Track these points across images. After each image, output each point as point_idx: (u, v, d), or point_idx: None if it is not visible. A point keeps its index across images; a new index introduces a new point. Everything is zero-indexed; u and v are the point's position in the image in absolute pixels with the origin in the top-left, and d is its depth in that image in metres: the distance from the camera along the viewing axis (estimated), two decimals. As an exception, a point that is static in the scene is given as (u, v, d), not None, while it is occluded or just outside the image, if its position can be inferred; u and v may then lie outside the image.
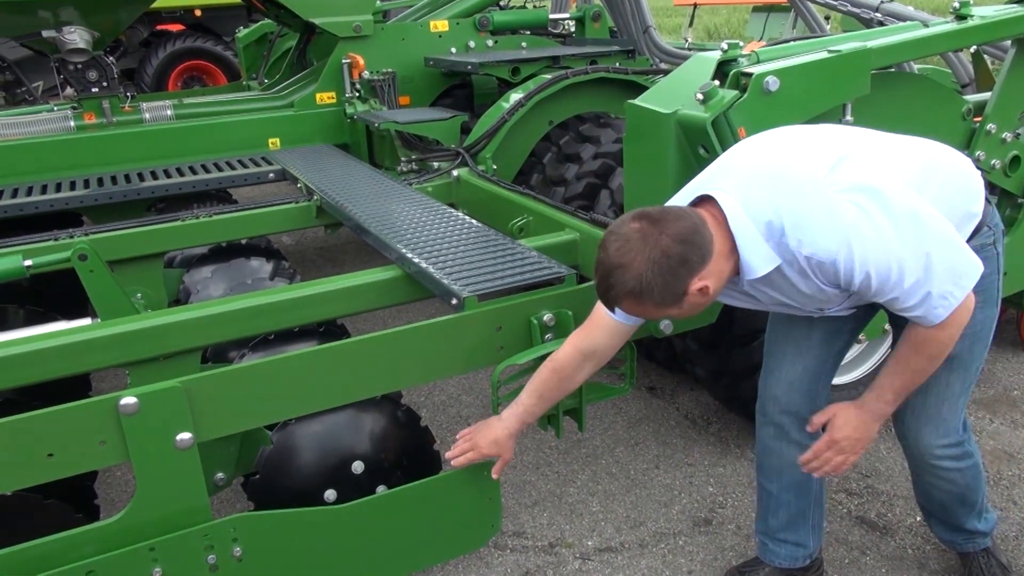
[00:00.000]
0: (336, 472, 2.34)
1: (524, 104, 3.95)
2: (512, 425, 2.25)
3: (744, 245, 1.78)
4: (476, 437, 2.27)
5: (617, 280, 1.74)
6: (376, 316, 4.53)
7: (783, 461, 2.28)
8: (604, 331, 2.13)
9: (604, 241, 1.77)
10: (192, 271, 3.57)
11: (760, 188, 1.78)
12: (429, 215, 3.14)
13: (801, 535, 2.38)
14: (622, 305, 1.79)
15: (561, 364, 2.19)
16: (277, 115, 4.74)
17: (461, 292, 2.34)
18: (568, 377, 2.20)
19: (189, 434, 1.97)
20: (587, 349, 2.16)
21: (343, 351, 2.16)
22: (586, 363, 2.18)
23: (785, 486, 2.31)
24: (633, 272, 1.71)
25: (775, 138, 1.94)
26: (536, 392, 2.23)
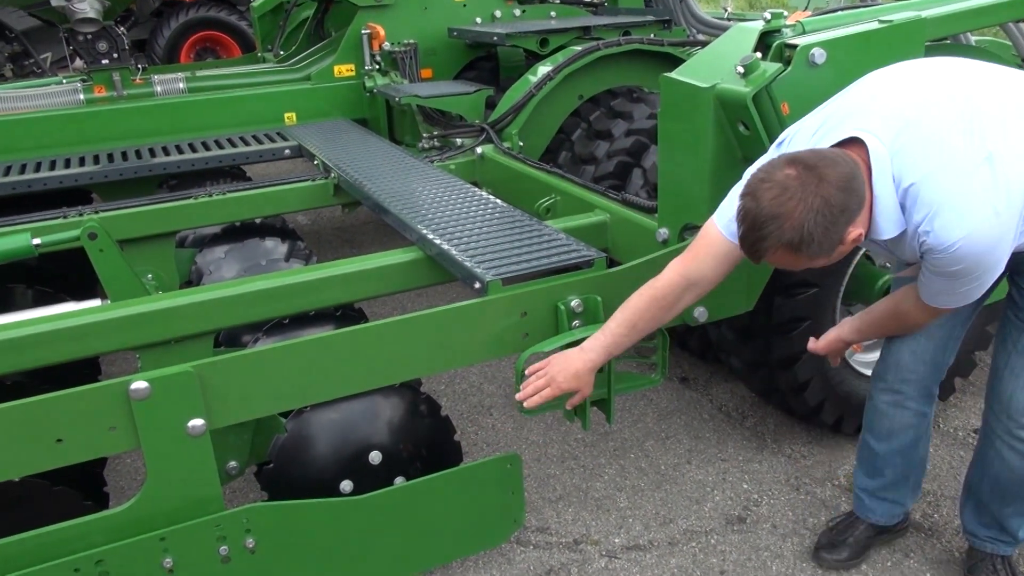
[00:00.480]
0: (353, 462, 2.35)
1: (553, 78, 3.93)
2: (596, 358, 2.17)
3: (880, 206, 1.79)
4: (552, 370, 2.19)
5: (772, 231, 1.72)
6: (395, 300, 4.55)
7: (895, 425, 2.39)
8: (714, 256, 2.08)
9: (753, 189, 1.76)
10: (205, 251, 3.60)
11: (912, 147, 1.78)
12: (451, 194, 3.14)
13: (901, 494, 2.51)
14: (772, 256, 1.79)
15: (663, 291, 2.12)
16: (293, 89, 4.76)
17: (484, 276, 2.33)
18: (668, 306, 2.13)
19: (201, 420, 1.99)
20: (693, 276, 2.11)
21: (361, 336, 2.17)
22: (688, 292, 2.13)
23: (895, 449, 2.43)
24: (793, 222, 1.70)
25: (931, 76, 1.93)
26: (629, 322, 2.14)
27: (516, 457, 2.37)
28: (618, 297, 2.38)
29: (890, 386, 2.37)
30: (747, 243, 1.80)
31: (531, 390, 2.20)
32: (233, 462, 2.39)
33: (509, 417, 3.47)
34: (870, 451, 2.49)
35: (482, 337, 2.30)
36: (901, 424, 2.39)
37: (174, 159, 4.03)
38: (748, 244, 1.80)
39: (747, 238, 1.79)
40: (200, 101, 4.57)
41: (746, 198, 1.78)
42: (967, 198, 1.74)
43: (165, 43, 10.12)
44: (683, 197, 2.57)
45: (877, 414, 2.43)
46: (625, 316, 2.17)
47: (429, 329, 2.23)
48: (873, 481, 2.53)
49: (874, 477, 2.52)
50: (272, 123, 4.63)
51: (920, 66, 2.00)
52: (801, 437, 3.24)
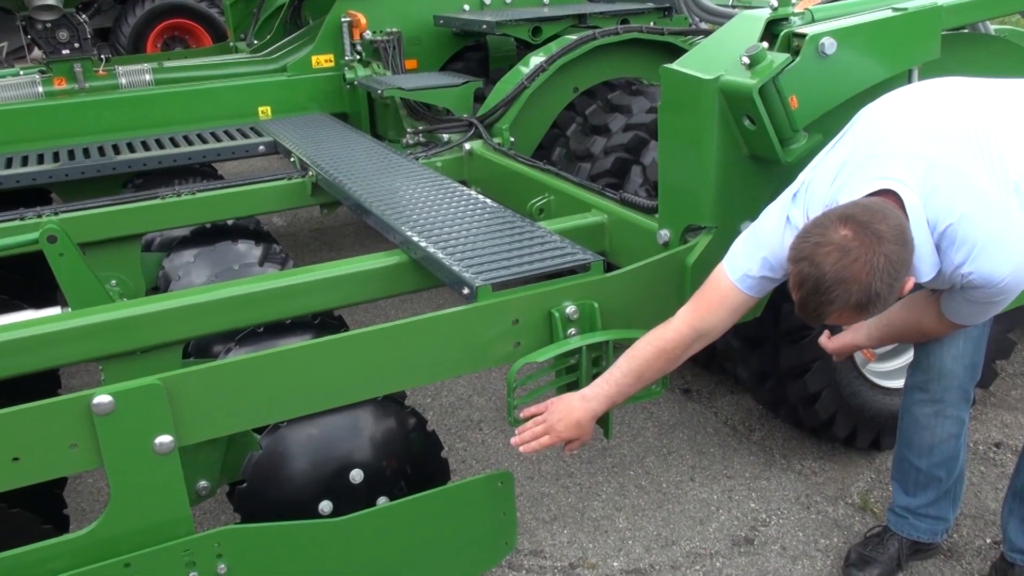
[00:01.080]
0: (332, 481, 2.34)
1: (546, 69, 3.93)
2: (599, 407, 2.23)
3: (919, 252, 1.86)
4: (551, 418, 2.23)
5: (839, 295, 1.79)
6: (378, 307, 4.54)
7: (936, 437, 2.45)
8: (727, 309, 2.17)
9: (809, 254, 1.81)
10: (173, 255, 3.58)
11: (941, 190, 1.86)
12: (438, 193, 3.14)
13: (943, 510, 2.58)
14: (835, 318, 1.85)
15: (672, 343, 2.20)
16: (268, 81, 4.75)
17: (473, 281, 2.33)
18: (676, 358, 2.23)
19: (169, 437, 1.98)
20: (704, 328, 2.19)
21: (341, 346, 2.16)
22: (697, 342, 2.22)
23: (936, 462, 2.48)
24: (861, 285, 1.77)
25: (936, 106, 2.00)
26: (635, 372, 2.22)
27: (508, 475, 2.36)
28: (616, 303, 2.39)
29: (933, 396, 2.42)
30: (809, 308, 1.85)
31: (528, 436, 2.25)
32: (204, 482, 2.37)
33: (500, 432, 3.47)
34: (910, 468, 2.53)
35: (471, 346, 2.30)
36: (943, 435, 2.44)
37: (140, 156, 4.02)
38: (811, 309, 1.85)
39: (809, 303, 1.84)
40: (168, 94, 4.55)
41: (802, 263, 1.83)
42: (1007, 234, 1.84)
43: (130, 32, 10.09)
44: (685, 196, 2.58)
45: (917, 428, 2.47)
46: (631, 366, 2.23)
47: (414, 338, 2.23)
48: (915, 499, 2.56)
49: (916, 495, 2.55)
50: (245, 117, 4.63)
51: (920, 95, 2.07)
52: (812, 452, 3.24)
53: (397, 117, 4.39)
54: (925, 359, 2.42)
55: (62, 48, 4.51)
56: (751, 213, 2.54)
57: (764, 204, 2.54)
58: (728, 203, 2.51)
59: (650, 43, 4.16)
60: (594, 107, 4.00)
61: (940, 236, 1.87)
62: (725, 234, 2.52)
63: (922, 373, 2.44)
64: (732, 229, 2.53)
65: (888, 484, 3.02)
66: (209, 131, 4.41)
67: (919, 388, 2.45)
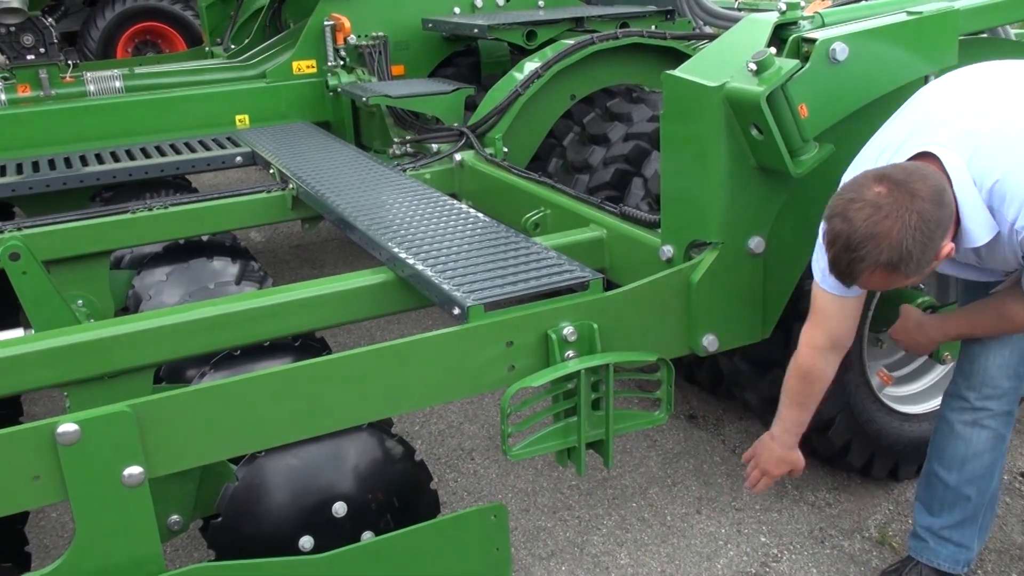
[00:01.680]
0: (314, 515, 2.34)
1: (541, 75, 3.95)
2: (790, 440, 2.49)
3: (967, 213, 1.95)
4: (762, 463, 2.52)
5: (870, 251, 1.87)
6: (363, 328, 4.54)
7: (971, 449, 2.45)
8: (840, 318, 2.30)
9: (842, 210, 1.91)
10: (144, 273, 3.58)
11: (984, 148, 1.95)
12: (427, 207, 3.15)
13: (968, 536, 2.55)
14: (866, 278, 1.93)
15: (807, 369, 2.38)
16: (246, 88, 4.76)
17: (464, 300, 2.34)
18: (820, 378, 2.39)
19: (139, 468, 1.98)
20: (826, 344, 2.34)
21: (323, 370, 2.16)
22: (832, 355, 2.37)
23: (967, 478, 2.48)
24: (892, 241, 1.85)
25: (982, 81, 2.14)
26: (795, 403, 2.44)
27: (501, 508, 2.36)
28: (617, 323, 2.40)
29: (973, 404, 2.43)
30: (840, 265, 1.94)
31: (754, 480, 2.56)
32: (176, 516, 2.37)
33: (493, 462, 3.46)
34: (937, 482, 2.53)
35: (462, 370, 2.30)
36: (978, 448, 2.44)
37: (109, 168, 4.02)
38: (842, 266, 1.94)
39: (840, 260, 1.93)
40: (139, 102, 4.56)
41: (835, 220, 1.92)
42: None
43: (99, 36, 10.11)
44: (689, 210, 2.59)
45: (952, 437, 2.47)
46: (790, 399, 2.45)
47: (401, 361, 2.23)
48: (938, 519, 2.56)
49: (939, 514, 2.55)
50: (222, 127, 4.63)
51: (970, 74, 2.21)
52: (826, 482, 3.24)
53: (383, 126, 4.40)
54: (969, 364, 2.44)
55: (27, 53, 4.52)
56: (759, 228, 2.56)
57: (772, 218, 2.57)
58: (735, 217, 2.53)
59: (651, 48, 4.19)
60: (592, 115, 4.02)
61: (989, 195, 1.95)
62: (731, 250, 2.54)
63: (964, 379, 2.45)
64: (739, 245, 2.54)
65: (908, 517, 3.02)
66: (183, 141, 4.41)
67: (958, 395, 2.47)
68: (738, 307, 2.62)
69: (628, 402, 2.63)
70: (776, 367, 2.88)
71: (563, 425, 2.37)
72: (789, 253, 2.66)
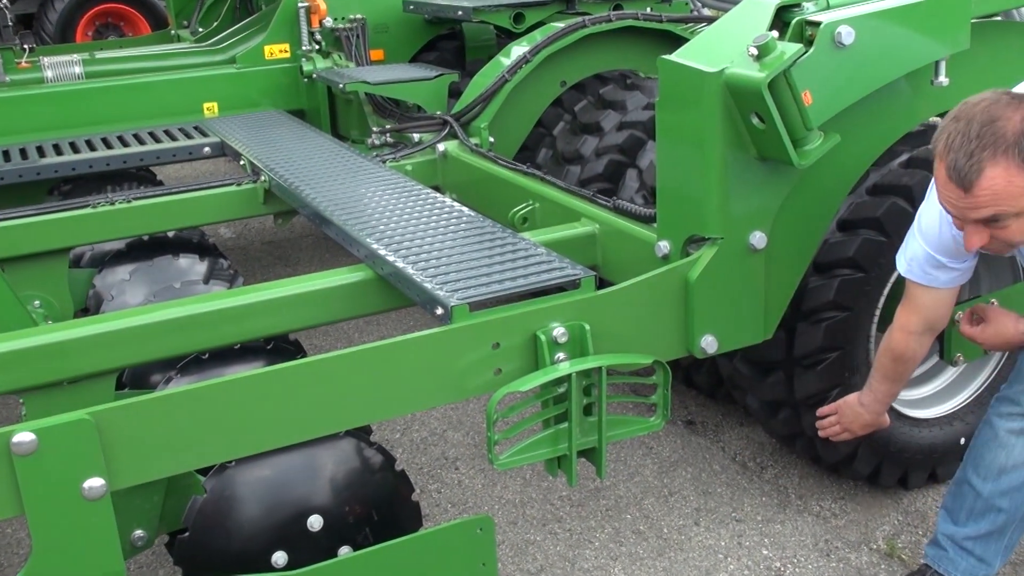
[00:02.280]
0: (287, 529, 2.33)
1: (529, 60, 3.95)
2: (879, 409, 2.65)
3: None
4: (844, 421, 2.71)
5: (995, 133, 1.91)
6: (340, 329, 4.53)
7: (1012, 459, 2.47)
8: (935, 307, 2.44)
9: (955, 114, 1.99)
10: (105, 272, 3.57)
11: None
12: (408, 201, 3.14)
13: (991, 551, 2.56)
14: (988, 177, 1.93)
15: (900, 351, 2.51)
16: (214, 74, 4.75)
17: (448, 299, 2.33)
18: (913, 359, 2.54)
19: (100, 480, 1.97)
20: (921, 329, 2.47)
21: (297, 374, 2.16)
22: (925, 337, 2.51)
23: (1002, 490, 2.49)
24: (1014, 124, 1.90)
25: None
26: (888, 379, 2.59)
27: (488, 520, 2.36)
28: (610, 324, 2.40)
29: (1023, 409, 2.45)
30: (958, 163, 1.95)
31: (828, 426, 2.77)
32: (140, 531, 2.35)
33: (479, 472, 3.46)
34: (969, 490, 2.54)
35: (445, 374, 2.30)
36: (1019, 459, 2.46)
37: (68, 159, 4.00)
38: (960, 164, 1.95)
39: (958, 162, 1.95)
40: (100, 89, 4.54)
41: (949, 122, 1.98)
42: None
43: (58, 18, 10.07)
44: (687, 203, 2.59)
45: (994, 444, 2.49)
46: (883, 374, 2.59)
47: (381, 365, 2.22)
48: (962, 528, 2.57)
49: (965, 523, 2.56)
50: (189, 115, 4.62)
51: None
52: (831, 492, 3.26)
53: (361, 115, 4.39)
54: None
55: (-21, 37, 4.49)
56: (761, 222, 2.57)
57: (775, 212, 2.57)
58: (735, 211, 2.53)
59: (647, 32, 4.19)
60: (584, 103, 4.02)
61: None
62: (731, 246, 2.54)
63: (1020, 383, 2.47)
64: (739, 240, 2.55)
65: (919, 527, 3.04)
66: (147, 131, 4.39)
67: (1010, 400, 2.49)
68: (738, 306, 2.62)
69: (622, 407, 2.64)
70: (779, 369, 2.90)
71: (553, 432, 2.37)
72: (792, 249, 2.67)
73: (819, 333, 2.79)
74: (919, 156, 2.84)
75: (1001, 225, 2.02)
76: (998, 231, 2.04)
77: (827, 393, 2.85)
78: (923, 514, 3.11)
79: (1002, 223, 2.01)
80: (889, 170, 2.84)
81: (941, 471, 3.17)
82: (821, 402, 2.86)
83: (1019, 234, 2.04)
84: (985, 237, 2.06)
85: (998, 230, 2.03)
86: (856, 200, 2.81)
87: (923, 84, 2.59)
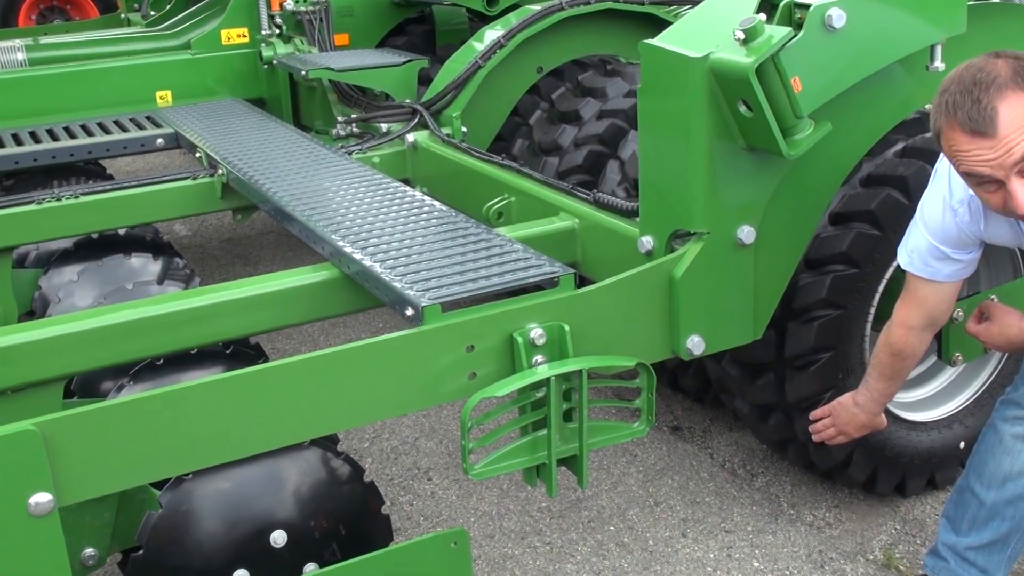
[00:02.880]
0: (249, 546, 2.32)
1: (504, 45, 3.96)
2: (875, 408, 2.66)
3: None
4: (839, 423, 2.72)
5: (989, 77, 1.99)
6: (304, 333, 4.52)
7: (1016, 467, 2.49)
8: (935, 301, 2.46)
9: (941, 87, 2.06)
10: (51, 272, 3.55)
11: None
12: (375, 195, 3.14)
13: (993, 562, 2.56)
14: (1008, 112, 1.98)
15: (899, 348, 2.54)
16: (168, 60, 4.73)
17: (419, 300, 2.33)
18: (912, 355, 2.56)
19: (47, 495, 1.95)
20: (921, 325, 2.50)
21: (258, 380, 2.15)
22: (925, 333, 2.53)
23: (1006, 499, 2.51)
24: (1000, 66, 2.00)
25: None
26: (885, 377, 2.60)
27: (463, 533, 2.36)
28: (591, 324, 2.40)
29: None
30: (972, 115, 2.00)
31: (821, 428, 2.78)
32: (90, 549, 2.34)
33: (453, 482, 3.46)
34: (972, 501, 2.56)
35: (417, 379, 2.29)
36: (1022, 466, 2.47)
37: (10, 152, 3.97)
38: (974, 114, 2.00)
39: (969, 110, 2.00)
40: (45, 76, 4.52)
41: (939, 97, 2.06)
42: None
43: (-2, 1, 9.98)
44: (671, 196, 2.60)
45: (999, 450, 2.51)
46: (880, 371, 2.61)
47: (347, 370, 2.22)
48: (964, 538, 2.59)
49: (967, 533, 2.58)
50: (140, 104, 4.60)
51: None
52: (825, 500, 3.28)
53: (325, 103, 4.39)
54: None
55: (-87, 21, 4.45)
56: (749, 216, 2.58)
57: (764, 205, 2.59)
58: (722, 204, 2.54)
59: (628, 15, 4.21)
60: (562, 91, 4.02)
61: None
62: (718, 241, 2.55)
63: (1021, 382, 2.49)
64: (727, 235, 2.56)
65: (917, 537, 3.06)
66: (96, 121, 4.37)
67: (1016, 403, 2.50)
68: (726, 305, 2.63)
69: (604, 413, 2.65)
70: (769, 371, 2.91)
71: (531, 439, 2.37)
72: (783, 244, 2.68)
73: (811, 333, 2.81)
74: (915, 145, 2.86)
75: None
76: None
77: (820, 396, 2.87)
78: (922, 522, 3.14)
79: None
80: (883, 160, 2.85)
81: (940, 477, 3.20)
82: (814, 405, 2.88)
83: None
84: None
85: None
86: (849, 192, 2.82)
87: (918, 70, 2.61)
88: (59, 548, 2.00)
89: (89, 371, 2.63)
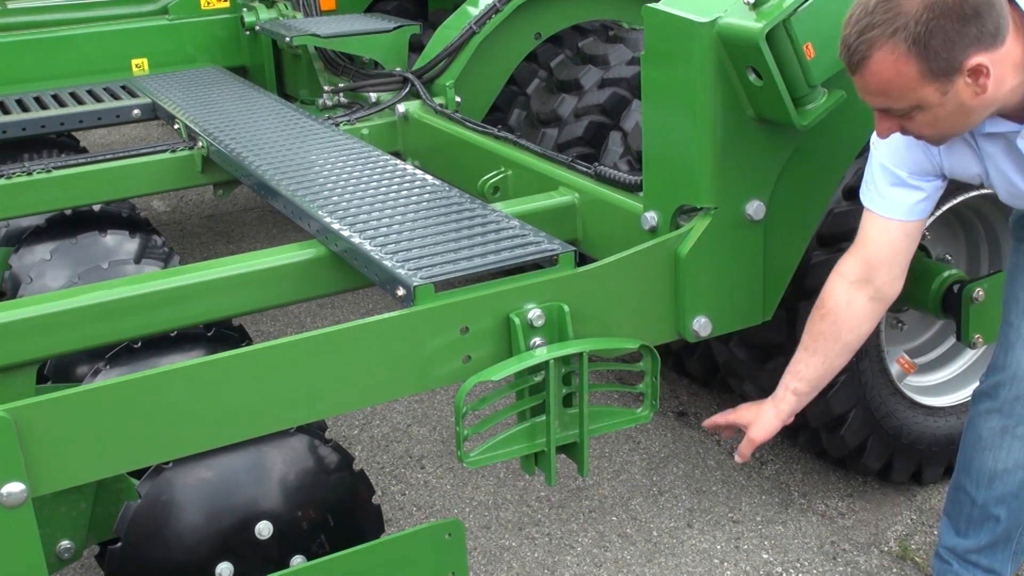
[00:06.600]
0: (233, 537, 2.33)
1: (500, 10, 3.94)
2: (788, 408, 2.46)
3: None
4: (744, 423, 2.50)
5: (886, 16, 1.91)
6: (289, 313, 4.52)
7: (1000, 463, 2.45)
8: (878, 244, 2.31)
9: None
10: (22, 251, 3.55)
11: None
12: (364, 169, 3.13)
13: (999, 560, 2.54)
14: (877, 61, 1.94)
15: (823, 297, 2.38)
16: (144, 26, 4.71)
17: (411, 279, 2.33)
18: (836, 314, 2.36)
19: (20, 485, 1.96)
20: (855, 274, 2.34)
21: (242, 364, 2.15)
22: (859, 291, 2.34)
23: (996, 497, 2.48)
24: (908, 7, 1.89)
25: None
26: (804, 345, 2.42)
27: (457, 524, 2.37)
28: (591, 304, 2.40)
29: (1002, 407, 2.43)
30: (850, 41, 1.97)
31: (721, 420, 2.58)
32: (66, 541, 2.35)
33: (447, 470, 3.47)
34: (965, 499, 2.54)
35: (409, 362, 2.30)
36: (1009, 462, 2.45)
37: (-22, 124, 3.97)
38: (851, 41, 1.97)
39: (851, 37, 1.97)
40: (13, 43, 4.49)
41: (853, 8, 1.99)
42: None
43: (-37, -37, 9.92)
44: (676, 169, 2.60)
45: (979, 446, 2.48)
46: (808, 346, 2.42)
47: (336, 353, 2.22)
48: (964, 540, 2.57)
49: (967, 535, 2.57)
50: (115, 73, 4.59)
51: None
52: (838, 489, 3.29)
53: (311, 72, 4.37)
54: (1002, 355, 2.44)
55: None
56: (758, 190, 2.58)
57: (774, 179, 2.59)
58: (729, 178, 2.54)
59: (631, -23, 4.19)
60: (561, 58, 4.01)
61: None
62: (726, 217, 2.55)
63: (995, 374, 2.45)
64: (735, 210, 2.56)
65: (934, 527, 3.08)
66: (68, 91, 4.36)
67: (987, 394, 2.47)
68: (734, 284, 2.64)
69: (606, 398, 2.65)
70: (779, 354, 2.91)
71: (529, 425, 2.38)
72: (794, 220, 2.68)
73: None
74: (933, 115, 2.85)
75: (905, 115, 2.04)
76: (905, 121, 2.06)
77: (833, 380, 2.87)
78: (939, 512, 3.14)
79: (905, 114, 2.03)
80: (900, 131, 2.85)
81: (958, 465, 3.21)
82: (826, 389, 2.88)
83: (927, 127, 2.06)
84: (893, 125, 2.09)
85: (905, 120, 2.06)
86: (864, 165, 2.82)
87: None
88: (33, 540, 2.00)
89: (63, 355, 2.64)
